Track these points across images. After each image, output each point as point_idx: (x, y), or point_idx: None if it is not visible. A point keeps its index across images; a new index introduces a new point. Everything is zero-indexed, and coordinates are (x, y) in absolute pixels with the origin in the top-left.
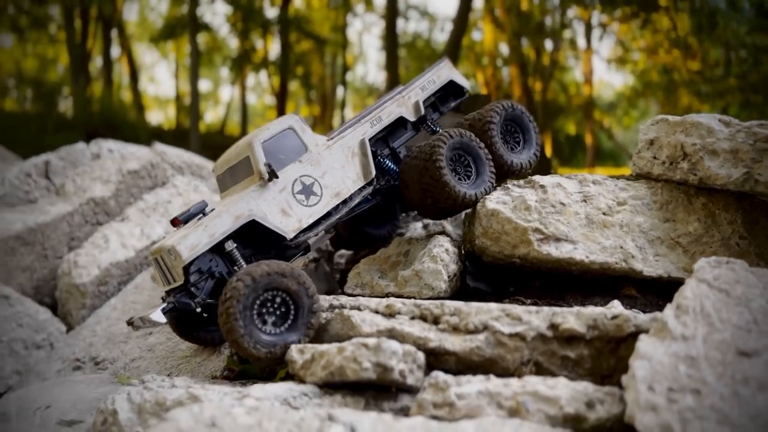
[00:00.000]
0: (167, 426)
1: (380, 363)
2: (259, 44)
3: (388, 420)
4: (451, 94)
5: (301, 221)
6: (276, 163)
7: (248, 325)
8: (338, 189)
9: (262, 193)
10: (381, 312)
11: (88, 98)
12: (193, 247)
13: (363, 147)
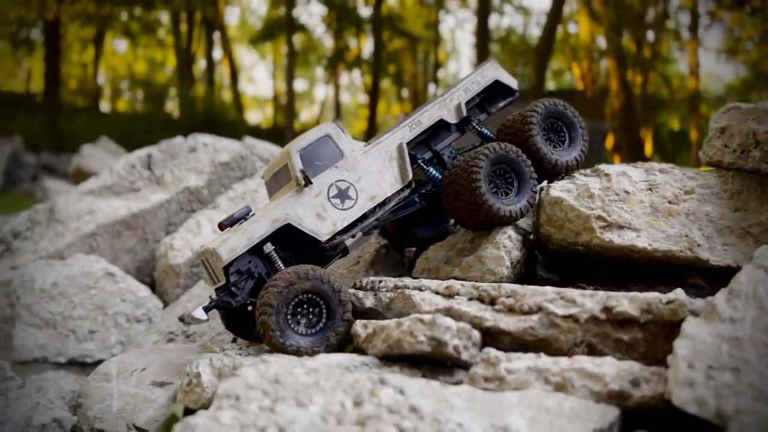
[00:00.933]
0: (237, 380)
1: (434, 337)
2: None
3: (436, 386)
4: (499, 95)
5: (336, 224)
6: (313, 169)
7: (282, 325)
8: (374, 192)
9: (299, 198)
10: (441, 293)
11: (192, 99)
12: (232, 250)
13: (400, 151)
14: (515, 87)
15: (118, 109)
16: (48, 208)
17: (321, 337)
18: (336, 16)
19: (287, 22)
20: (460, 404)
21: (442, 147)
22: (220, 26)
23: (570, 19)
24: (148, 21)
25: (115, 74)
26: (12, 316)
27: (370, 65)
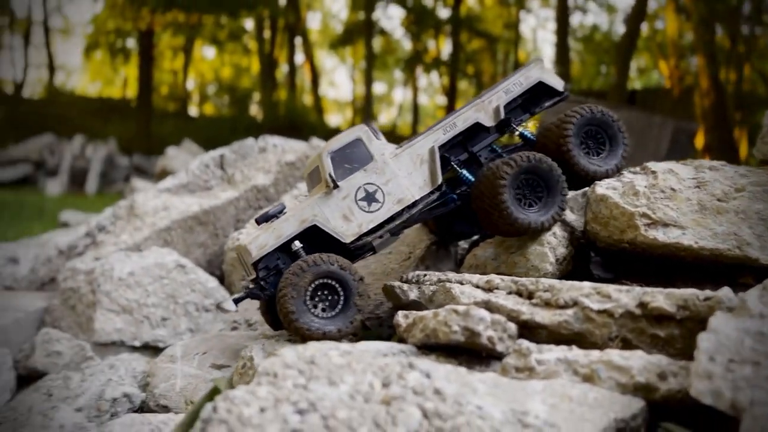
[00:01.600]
0: (276, 360)
1: (468, 327)
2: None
3: (462, 372)
4: (544, 95)
5: (361, 226)
6: (342, 171)
7: (300, 309)
8: (401, 196)
9: (327, 200)
10: (481, 286)
11: (275, 102)
12: (261, 247)
13: (432, 154)
14: (560, 88)
15: (205, 113)
16: (129, 205)
17: (343, 319)
18: (414, 19)
19: (366, 25)
20: (483, 389)
21: (479, 148)
22: (302, 32)
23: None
24: (234, 28)
25: (203, 80)
26: (93, 302)
27: (448, 66)
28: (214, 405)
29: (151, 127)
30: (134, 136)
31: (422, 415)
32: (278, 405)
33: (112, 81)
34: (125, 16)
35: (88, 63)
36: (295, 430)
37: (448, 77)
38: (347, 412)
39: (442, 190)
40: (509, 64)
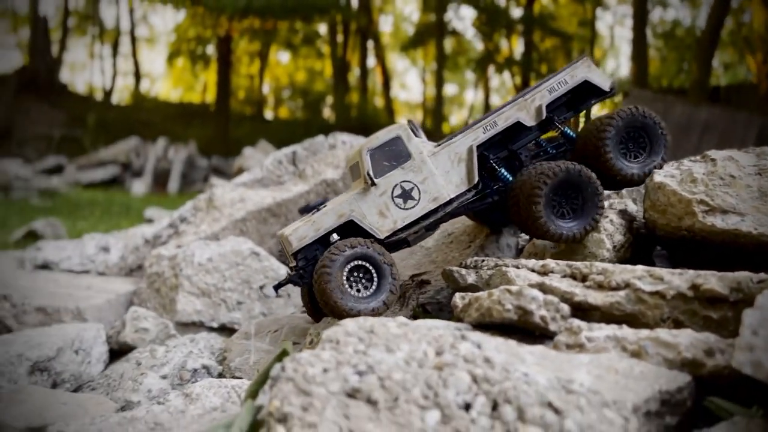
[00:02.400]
0: (338, 328)
1: (521, 306)
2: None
3: (512, 343)
4: (591, 93)
5: (396, 223)
6: (380, 169)
7: (339, 288)
8: (437, 194)
9: (365, 196)
10: (536, 270)
11: (347, 105)
12: (301, 239)
13: (470, 153)
14: (606, 88)
15: (280, 117)
16: (208, 198)
17: (376, 299)
18: (486, 19)
19: (437, 26)
20: (531, 359)
21: (519, 146)
22: (373, 35)
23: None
24: (307, 33)
25: (278, 84)
26: (176, 285)
27: (521, 66)
28: (282, 365)
29: (228, 130)
30: (213, 139)
31: (471, 380)
32: (339, 367)
33: (193, 87)
34: (205, 24)
35: (171, 70)
36: (354, 388)
37: (520, 77)
38: (402, 374)
39: (478, 188)
40: None
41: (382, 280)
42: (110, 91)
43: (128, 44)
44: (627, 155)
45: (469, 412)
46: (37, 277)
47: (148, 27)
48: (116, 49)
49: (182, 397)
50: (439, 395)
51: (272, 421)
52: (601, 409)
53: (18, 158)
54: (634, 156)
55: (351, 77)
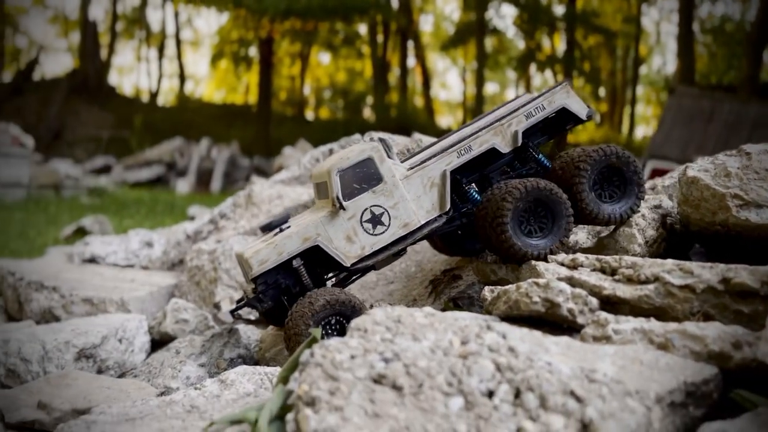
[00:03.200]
0: (366, 317)
1: (548, 299)
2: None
3: (537, 334)
4: (567, 118)
5: (365, 249)
6: (350, 191)
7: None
8: (408, 220)
9: (332, 219)
10: (566, 264)
11: (387, 105)
12: (262, 263)
13: (443, 178)
14: (583, 116)
15: (321, 117)
16: (247, 194)
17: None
18: (528, 17)
19: (478, 25)
20: (555, 350)
21: (492, 170)
22: (414, 34)
23: None
24: (348, 33)
25: (318, 85)
26: (215, 278)
27: (563, 64)
28: (311, 351)
29: (270, 131)
30: (254, 139)
31: (495, 368)
32: (367, 354)
33: (235, 88)
34: (247, 26)
35: (214, 72)
36: (380, 374)
37: (563, 75)
38: (427, 362)
39: (449, 214)
40: (629, 59)
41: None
42: (156, 93)
43: (173, 47)
44: (600, 196)
45: (492, 399)
46: (84, 270)
47: (192, 30)
48: (162, 52)
49: (218, 383)
50: (462, 382)
51: (301, 404)
52: (623, 398)
53: (68, 159)
54: (607, 196)
55: (391, 77)
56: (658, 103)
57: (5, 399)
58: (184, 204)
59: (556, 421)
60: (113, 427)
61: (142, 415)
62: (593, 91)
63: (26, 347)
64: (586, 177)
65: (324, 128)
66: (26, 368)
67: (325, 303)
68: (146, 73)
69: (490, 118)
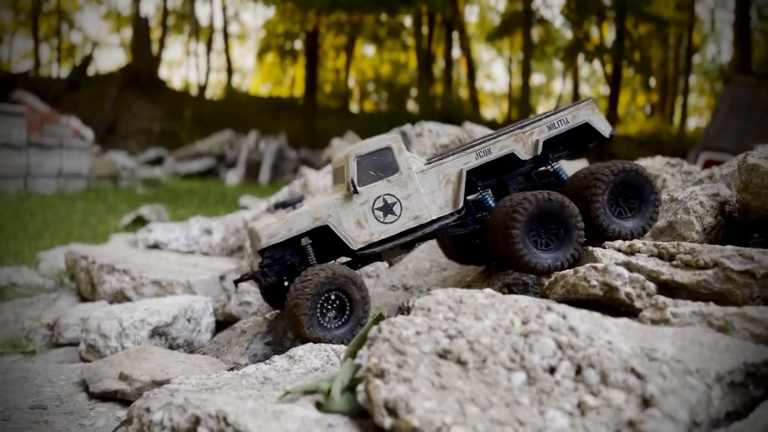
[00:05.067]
0: (429, 297)
1: (606, 282)
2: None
3: (596, 315)
4: (590, 135)
5: (373, 235)
6: (365, 177)
7: (312, 317)
8: (419, 213)
9: (345, 203)
10: (623, 250)
11: (431, 97)
12: (271, 236)
13: (459, 177)
14: (606, 134)
15: (365, 110)
16: (303, 183)
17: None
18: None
19: (524, 15)
20: (614, 330)
21: (510, 177)
22: (459, 26)
23: None
24: (393, 25)
25: (363, 77)
26: None
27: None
28: (378, 327)
29: (315, 124)
30: (300, 132)
31: (556, 346)
32: (431, 331)
33: (281, 81)
34: (294, 19)
35: (260, 65)
36: (445, 349)
37: (612, 65)
38: (490, 339)
39: (461, 213)
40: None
41: (353, 310)
42: (204, 86)
43: (221, 41)
44: (615, 211)
45: (553, 374)
46: (149, 255)
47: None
48: (210, 46)
49: (286, 358)
50: (525, 358)
51: (371, 375)
52: (683, 376)
53: (122, 151)
54: (622, 213)
55: (436, 69)
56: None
57: (89, 371)
58: (235, 195)
59: (617, 396)
60: (195, 395)
61: (219, 385)
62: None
63: (105, 324)
64: (602, 191)
65: (368, 121)
66: (105, 344)
67: (326, 278)
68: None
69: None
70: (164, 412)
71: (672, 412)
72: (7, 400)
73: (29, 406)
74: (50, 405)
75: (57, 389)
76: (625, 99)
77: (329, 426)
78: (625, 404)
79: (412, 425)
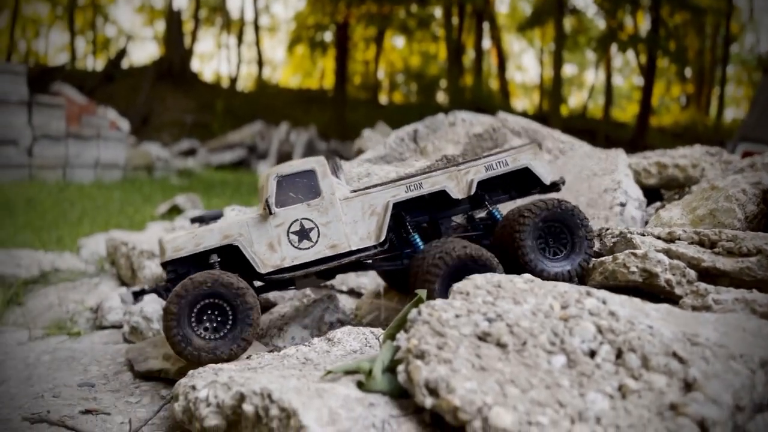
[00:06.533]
0: (468, 282)
1: (646, 269)
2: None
3: (636, 300)
4: (533, 182)
5: (284, 260)
6: (284, 198)
7: (185, 328)
8: (337, 242)
9: (260, 223)
10: (662, 237)
11: (461, 88)
12: (176, 250)
13: (385, 209)
14: (547, 182)
15: (394, 101)
16: None
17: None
18: None
19: (557, 5)
20: (655, 315)
21: (442, 217)
22: (489, 16)
23: None
24: (423, 16)
25: (392, 69)
26: None
27: (647, 44)
28: (418, 310)
29: (345, 115)
30: (330, 123)
31: (596, 330)
32: (470, 314)
33: (311, 73)
34: (324, 11)
35: (290, 57)
36: (484, 332)
37: (646, 55)
38: (529, 323)
39: (384, 247)
40: (719, 37)
41: (236, 317)
42: (235, 78)
43: (252, 33)
44: (545, 251)
45: (593, 358)
46: None
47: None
48: (241, 38)
49: (325, 340)
50: (565, 342)
51: (411, 356)
52: (726, 360)
53: (156, 142)
54: (552, 253)
55: (466, 60)
56: (750, 83)
57: (133, 351)
58: None
59: (659, 380)
60: (239, 374)
61: (262, 366)
62: (679, 71)
63: (147, 307)
64: (527, 231)
65: (398, 112)
66: (147, 326)
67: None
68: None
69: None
70: (209, 390)
71: (715, 395)
72: (56, 378)
73: (78, 384)
74: (97, 383)
75: (103, 368)
76: (660, 90)
77: (370, 405)
78: (666, 388)
79: (453, 404)
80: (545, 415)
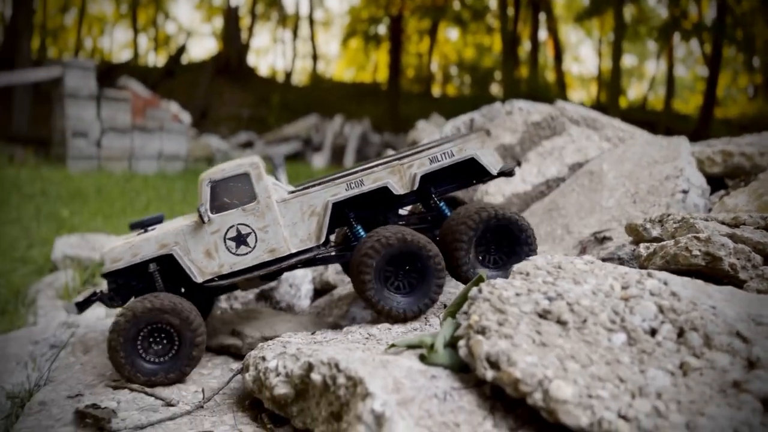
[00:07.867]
0: (527, 263)
1: (709, 252)
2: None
3: (699, 282)
4: (479, 171)
5: (222, 267)
6: (219, 204)
7: (130, 355)
8: (276, 246)
9: (196, 230)
10: (726, 223)
11: (516, 80)
12: (115, 261)
13: (325, 209)
14: (494, 171)
15: (448, 94)
16: None
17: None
18: None
19: None
20: (718, 296)
21: (390, 212)
22: (546, 6)
23: None
24: (477, 8)
25: (446, 61)
26: None
27: (712, 33)
28: (479, 288)
29: (398, 108)
30: (383, 116)
31: (657, 309)
32: (531, 293)
33: (364, 66)
34: (378, 4)
35: (344, 51)
36: (545, 310)
37: (711, 45)
38: (590, 302)
39: (326, 247)
40: None
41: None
42: (290, 72)
43: (306, 28)
44: (484, 260)
45: (654, 336)
46: None
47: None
48: (296, 33)
49: None
50: (625, 320)
51: (472, 332)
52: None
53: (215, 134)
54: (492, 261)
55: (521, 51)
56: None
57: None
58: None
59: (722, 359)
60: (307, 346)
61: (327, 340)
62: (747, 61)
63: None
64: (465, 242)
65: (451, 105)
66: (216, 304)
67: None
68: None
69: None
70: (279, 360)
71: None
72: None
73: None
74: None
75: None
76: (726, 80)
77: (432, 377)
78: (729, 366)
79: (515, 377)
80: (605, 389)
